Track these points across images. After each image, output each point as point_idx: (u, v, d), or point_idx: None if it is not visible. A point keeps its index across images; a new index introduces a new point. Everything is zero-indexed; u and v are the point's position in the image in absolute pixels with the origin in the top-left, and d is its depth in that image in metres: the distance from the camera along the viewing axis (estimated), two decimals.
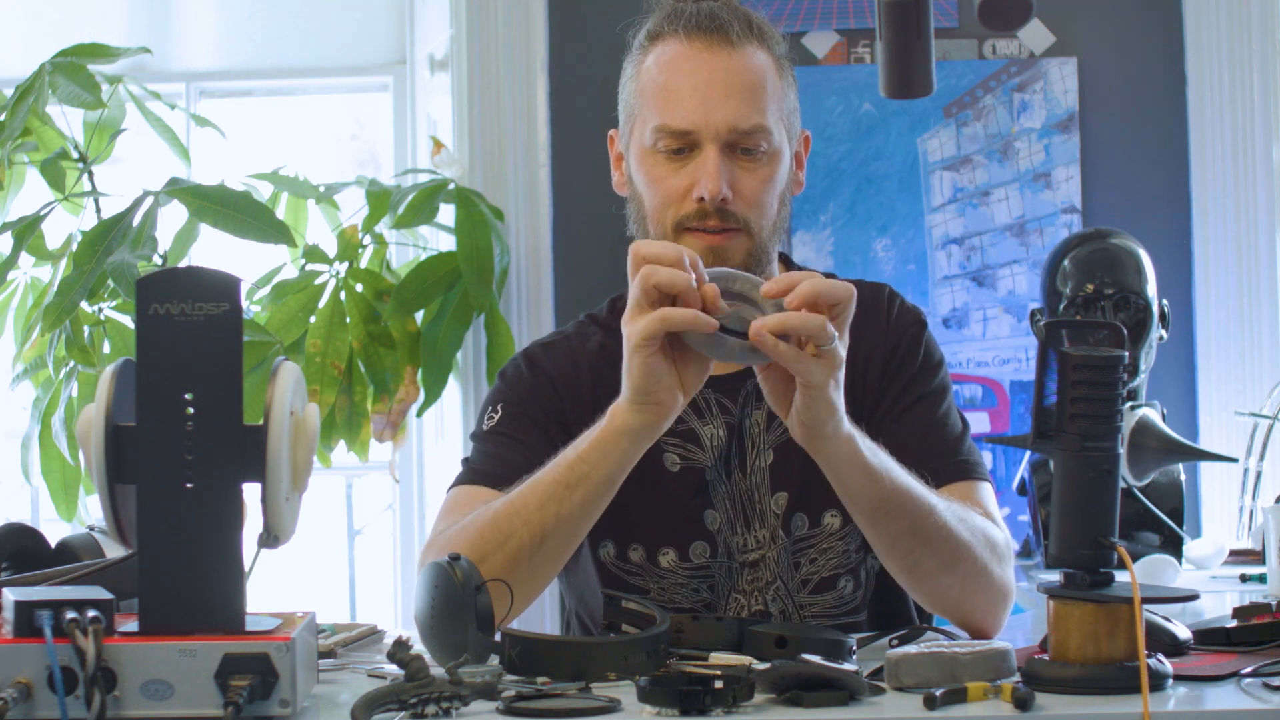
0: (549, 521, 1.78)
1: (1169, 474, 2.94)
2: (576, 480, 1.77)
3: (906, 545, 1.81)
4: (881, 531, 1.81)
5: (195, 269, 1.42)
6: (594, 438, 1.77)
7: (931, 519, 1.79)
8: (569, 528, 1.79)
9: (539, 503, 1.78)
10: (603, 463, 1.77)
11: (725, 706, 1.42)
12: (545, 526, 1.78)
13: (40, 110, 3.28)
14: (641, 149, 1.96)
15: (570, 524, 1.79)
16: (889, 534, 1.81)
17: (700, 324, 1.66)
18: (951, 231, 3.68)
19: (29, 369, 3.40)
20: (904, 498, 1.78)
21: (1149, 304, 2.96)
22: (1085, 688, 1.48)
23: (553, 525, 1.78)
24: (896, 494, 1.77)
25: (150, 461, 1.40)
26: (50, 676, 1.34)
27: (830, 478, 1.78)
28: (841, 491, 1.79)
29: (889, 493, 1.77)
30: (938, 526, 1.80)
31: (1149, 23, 3.69)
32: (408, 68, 3.90)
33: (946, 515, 1.81)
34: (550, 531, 1.78)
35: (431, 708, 1.40)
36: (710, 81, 1.91)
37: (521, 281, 3.62)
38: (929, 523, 1.79)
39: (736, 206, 1.92)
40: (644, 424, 1.74)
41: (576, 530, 1.81)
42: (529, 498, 1.79)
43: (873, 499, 1.78)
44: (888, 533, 1.80)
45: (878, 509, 1.78)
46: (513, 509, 1.79)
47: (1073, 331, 1.55)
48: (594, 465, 1.77)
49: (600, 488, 1.78)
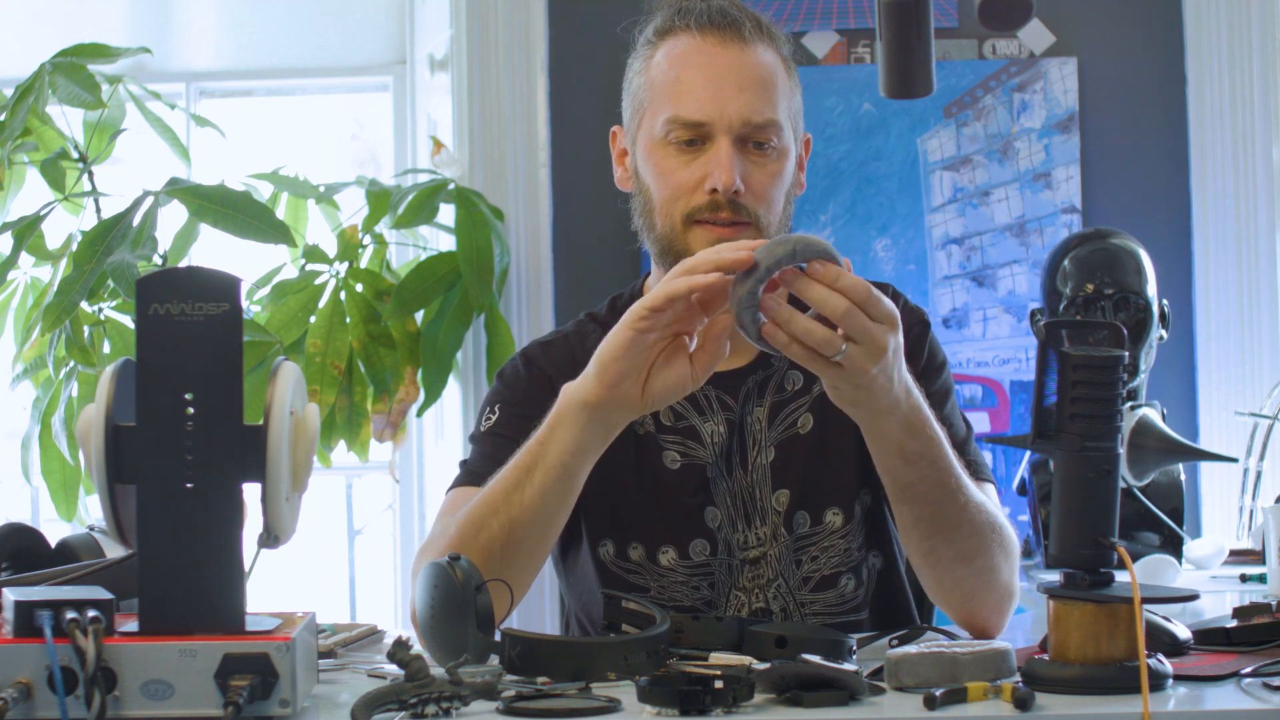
0: (514, 510, 1.77)
1: (1169, 474, 2.94)
2: (533, 463, 1.76)
3: (926, 530, 1.81)
4: (905, 510, 1.81)
5: (195, 269, 1.42)
6: (547, 420, 1.76)
7: (958, 512, 1.79)
8: (532, 515, 1.77)
9: (504, 491, 1.77)
10: (553, 443, 1.75)
11: (725, 706, 1.42)
12: (510, 515, 1.77)
13: (40, 110, 3.28)
14: (651, 141, 1.96)
15: (533, 510, 1.77)
16: (912, 516, 1.80)
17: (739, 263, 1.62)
18: (951, 231, 3.68)
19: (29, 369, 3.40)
20: (934, 486, 1.77)
21: (1149, 304, 2.96)
22: (1085, 688, 1.48)
23: (517, 513, 1.76)
24: (927, 481, 1.77)
25: (150, 461, 1.40)
26: (50, 676, 1.34)
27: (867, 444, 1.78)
28: (875, 462, 1.79)
29: (919, 478, 1.76)
30: (963, 520, 1.80)
31: (1149, 23, 3.70)
32: (408, 68, 3.90)
33: (974, 512, 1.81)
34: (515, 519, 1.77)
35: (431, 708, 1.40)
36: (724, 74, 1.92)
37: (521, 281, 3.62)
38: (955, 515, 1.79)
39: (747, 200, 1.92)
40: (595, 401, 1.72)
41: (541, 518, 1.78)
42: (495, 488, 1.79)
43: (901, 479, 1.77)
44: (911, 514, 1.80)
45: (905, 490, 1.78)
46: (483, 500, 1.79)
47: (1073, 331, 1.55)
48: (547, 446, 1.75)
49: (556, 471, 1.75)
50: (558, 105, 3.67)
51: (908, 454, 1.75)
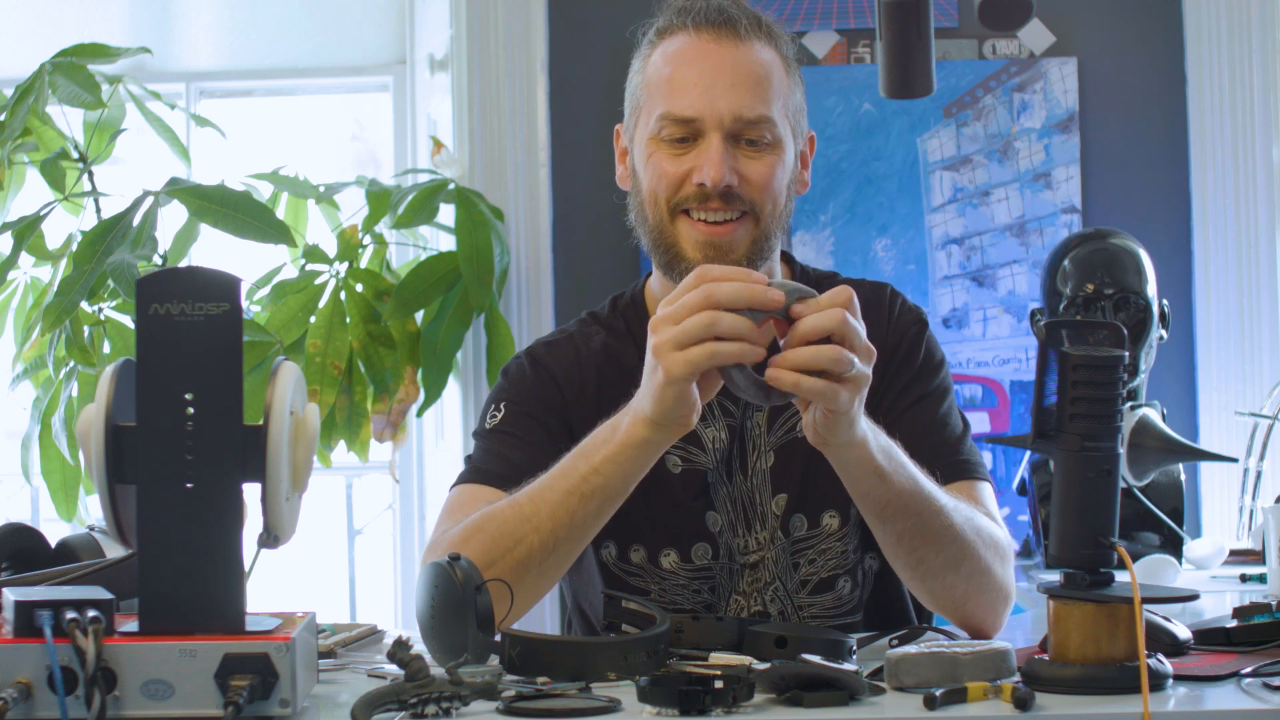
0: (561, 530, 1.78)
1: (1169, 474, 2.94)
2: (591, 491, 1.77)
3: (912, 544, 1.81)
4: (888, 529, 1.81)
5: (195, 269, 1.42)
6: (609, 452, 1.76)
7: (938, 519, 1.80)
8: (580, 534, 1.80)
9: (550, 511, 1.78)
10: (619, 474, 1.77)
11: (725, 706, 1.42)
12: (557, 535, 1.78)
13: (40, 110, 3.28)
14: (646, 138, 1.96)
15: (582, 531, 1.80)
16: (895, 532, 1.81)
17: (749, 356, 1.64)
18: (951, 231, 3.68)
19: (29, 369, 3.40)
20: (912, 498, 1.78)
21: (1149, 304, 2.96)
22: (1085, 688, 1.48)
23: (564, 533, 1.78)
24: (904, 494, 1.77)
25: (150, 461, 1.40)
26: (50, 676, 1.34)
27: (840, 475, 1.78)
28: (850, 489, 1.79)
29: (897, 493, 1.77)
30: (944, 527, 1.80)
31: (1149, 23, 3.70)
32: (408, 68, 3.90)
33: (954, 516, 1.81)
34: (562, 539, 1.78)
35: (431, 708, 1.40)
36: (716, 71, 1.92)
37: (521, 281, 3.62)
38: (936, 523, 1.79)
39: (744, 191, 1.92)
40: (664, 439, 1.75)
41: (587, 536, 1.82)
42: (540, 505, 1.78)
43: (880, 499, 1.78)
44: (894, 531, 1.81)
45: (885, 508, 1.78)
46: (522, 515, 1.79)
47: (1073, 331, 1.55)
48: (610, 477, 1.76)
49: (616, 497, 1.79)
50: (558, 105, 3.67)
51: (882, 471, 1.76)
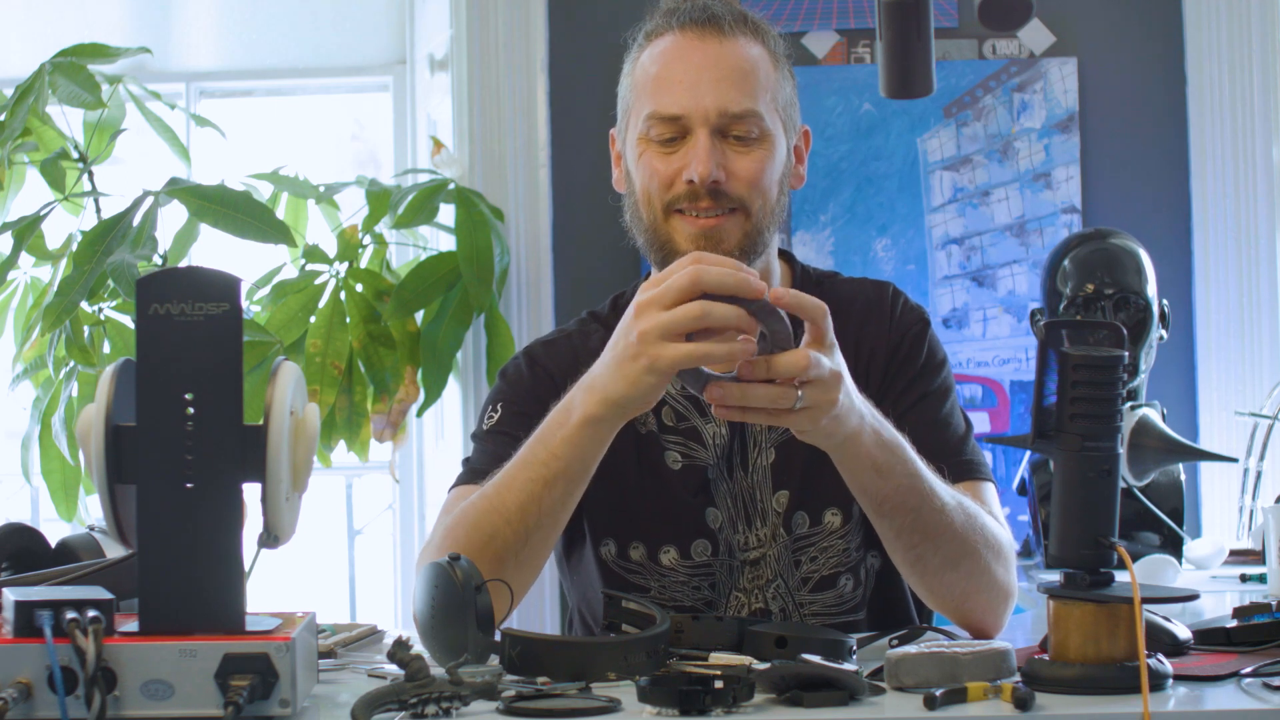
0: (530, 519, 1.78)
1: (1169, 474, 2.94)
2: (553, 477, 1.77)
3: (910, 540, 1.81)
4: (886, 524, 1.81)
5: (195, 269, 1.42)
6: (564, 434, 1.75)
7: (938, 516, 1.79)
8: (550, 521, 1.80)
9: (518, 501, 1.78)
10: (577, 457, 1.76)
11: (725, 706, 1.42)
12: (527, 523, 1.78)
13: (40, 110, 3.28)
14: (636, 139, 1.97)
15: (551, 518, 1.79)
16: (894, 528, 1.81)
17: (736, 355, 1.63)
18: (951, 231, 3.68)
19: (29, 369, 3.40)
20: (910, 494, 1.78)
21: (1149, 304, 2.96)
22: (1085, 688, 1.48)
23: (534, 521, 1.78)
24: (902, 490, 1.77)
25: (150, 461, 1.40)
26: (50, 676, 1.34)
27: (838, 469, 1.78)
28: (848, 483, 1.79)
29: (894, 489, 1.77)
30: (944, 524, 1.80)
31: (1149, 23, 3.70)
32: (408, 68, 3.90)
33: (954, 513, 1.81)
34: (533, 527, 1.78)
35: (431, 708, 1.40)
36: (701, 68, 1.93)
37: (521, 281, 3.62)
38: (935, 520, 1.79)
39: (732, 187, 1.92)
40: (620, 419, 1.74)
41: (558, 522, 1.81)
42: (506, 496, 1.79)
43: (877, 494, 1.78)
44: (893, 526, 1.81)
45: (882, 503, 1.78)
46: (491, 507, 1.80)
47: (1073, 331, 1.55)
48: (569, 461, 1.76)
49: (579, 479, 1.78)
50: (558, 105, 3.67)
51: (880, 466, 1.76)
